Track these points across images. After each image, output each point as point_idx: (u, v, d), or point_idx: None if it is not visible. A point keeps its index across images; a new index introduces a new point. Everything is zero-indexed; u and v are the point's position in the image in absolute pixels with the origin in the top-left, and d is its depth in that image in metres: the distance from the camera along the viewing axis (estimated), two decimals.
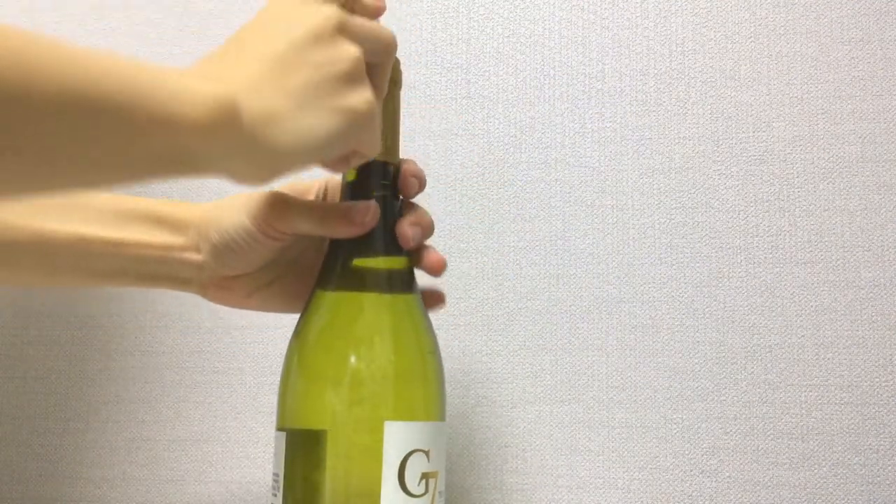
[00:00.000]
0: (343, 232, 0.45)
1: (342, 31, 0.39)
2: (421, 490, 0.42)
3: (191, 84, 0.34)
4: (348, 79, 0.39)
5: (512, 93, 0.68)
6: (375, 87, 0.43)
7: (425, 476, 0.43)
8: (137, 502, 0.67)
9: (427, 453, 0.43)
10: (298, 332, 0.46)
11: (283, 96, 0.37)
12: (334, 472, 0.42)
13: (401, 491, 0.42)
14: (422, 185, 0.49)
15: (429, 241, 0.49)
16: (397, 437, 0.42)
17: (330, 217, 0.45)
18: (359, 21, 0.41)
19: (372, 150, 0.42)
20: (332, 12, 0.39)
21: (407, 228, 0.46)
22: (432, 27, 0.70)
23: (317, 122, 0.38)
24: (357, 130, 0.40)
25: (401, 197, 0.48)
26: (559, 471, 0.62)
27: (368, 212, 0.45)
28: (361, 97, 0.40)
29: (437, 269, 0.48)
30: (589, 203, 0.65)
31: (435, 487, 0.43)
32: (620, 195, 0.65)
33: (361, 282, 0.46)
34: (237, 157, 0.36)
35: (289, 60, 0.38)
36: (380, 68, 0.43)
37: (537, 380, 0.64)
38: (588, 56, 0.67)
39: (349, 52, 0.39)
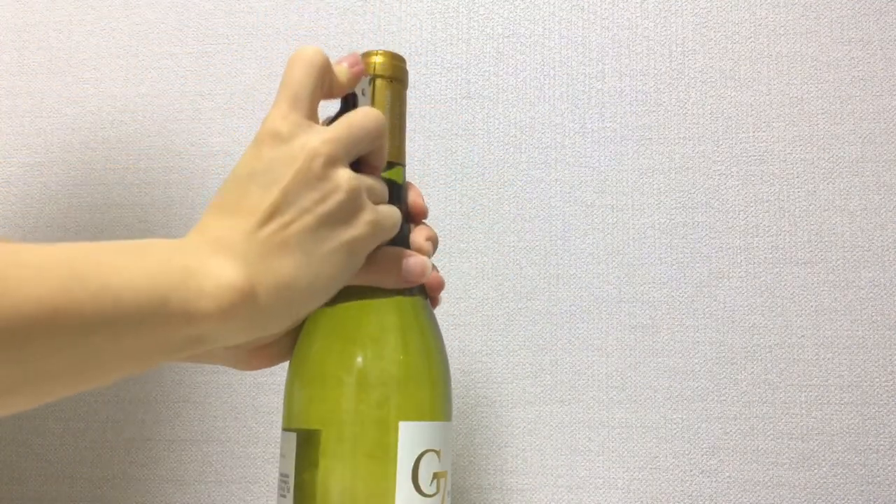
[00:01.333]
0: (396, 285, 0.45)
1: (330, 163, 0.39)
2: (433, 490, 0.42)
3: (212, 270, 0.34)
4: (346, 210, 0.40)
5: (512, 93, 0.68)
6: (376, 165, 0.44)
7: (437, 476, 0.43)
8: (137, 502, 0.67)
9: (438, 453, 0.43)
10: (308, 332, 0.45)
11: (288, 255, 0.37)
12: (347, 472, 0.41)
13: (414, 491, 0.42)
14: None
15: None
16: (411, 438, 0.42)
17: (385, 271, 0.45)
18: (342, 134, 0.40)
19: (392, 234, 0.43)
20: (315, 147, 0.39)
21: (423, 244, 0.47)
22: (432, 27, 0.70)
23: (326, 267, 0.39)
24: (369, 247, 0.41)
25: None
26: (559, 471, 0.62)
27: (423, 275, 0.45)
28: (362, 222, 0.40)
29: (437, 289, 0.48)
30: (589, 203, 0.65)
31: (445, 487, 0.43)
32: (620, 195, 0.65)
33: (369, 289, 0.45)
34: (252, 331, 0.36)
35: (284, 211, 0.38)
36: (375, 152, 0.44)
37: (537, 380, 0.63)
38: (588, 56, 0.67)
39: (340, 181, 0.40)
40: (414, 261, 0.45)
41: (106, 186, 0.72)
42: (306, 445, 0.43)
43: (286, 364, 0.47)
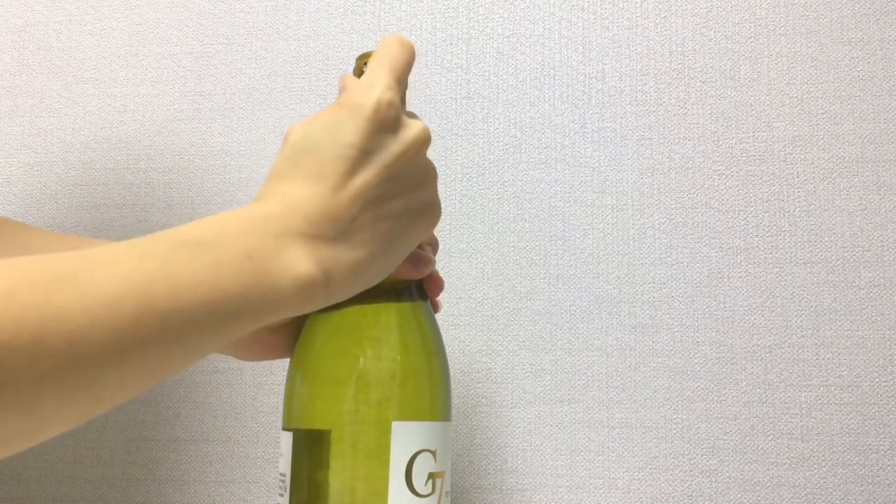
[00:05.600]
0: (404, 275, 0.45)
1: (425, 145, 0.40)
2: (428, 490, 0.42)
3: (288, 267, 0.33)
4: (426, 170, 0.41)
5: (512, 93, 0.68)
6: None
7: (432, 476, 0.43)
8: (137, 502, 0.67)
9: (434, 453, 0.43)
10: (305, 333, 0.45)
11: (364, 229, 0.37)
12: (342, 472, 0.42)
13: (408, 491, 0.42)
14: None
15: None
16: (404, 438, 0.42)
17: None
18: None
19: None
20: (423, 130, 0.40)
21: (425, 246, 0.47)
22: (432, 27, 0.70)
23: (403, 239, 0.40)
24: (436, 220, 0.43)
25: None
26: (559, 471, 0.62)
27: (430, 265, 0.45)
28: (432, 186, 0.42)
29: (437, 290, 0.48)
30: (589, 203, 0.65)
31: (441, 487, 0.43)
32: (620, 195, 0.65)
33: (370, 291, 0.45)
34: (312, 310, 0.36)
35: (384, 200, 0.38)
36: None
37: (537, 380, 0.63)
38: (588, 56, 0.67)
39: (430, 168, 0.41)
40: (421, 251, 0.46)
41: (106, 186, 0.72)
42: (303, 445, 0.43)
43: (286, 363, 0.47)
